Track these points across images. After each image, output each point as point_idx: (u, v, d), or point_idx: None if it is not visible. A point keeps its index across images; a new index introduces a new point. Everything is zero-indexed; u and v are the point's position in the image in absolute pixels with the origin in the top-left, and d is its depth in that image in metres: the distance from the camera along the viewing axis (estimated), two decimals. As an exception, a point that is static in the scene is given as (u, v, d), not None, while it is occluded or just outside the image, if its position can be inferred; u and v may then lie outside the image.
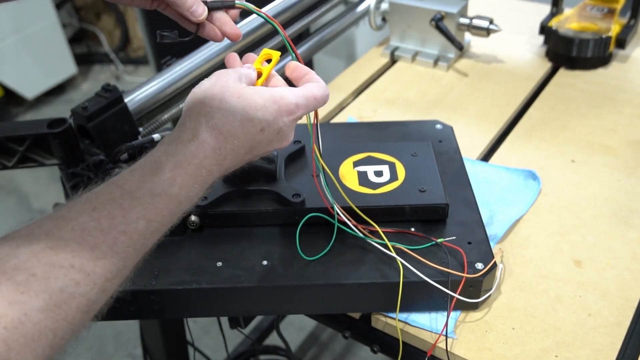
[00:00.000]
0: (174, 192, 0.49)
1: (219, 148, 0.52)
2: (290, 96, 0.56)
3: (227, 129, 0.52)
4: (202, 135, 0.51)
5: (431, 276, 0.68)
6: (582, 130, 1.02)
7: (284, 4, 1.12)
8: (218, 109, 0.52)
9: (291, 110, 0.56)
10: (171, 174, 0.49)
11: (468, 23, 1.18)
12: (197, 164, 0.50)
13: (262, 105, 0.54)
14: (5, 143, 0.84)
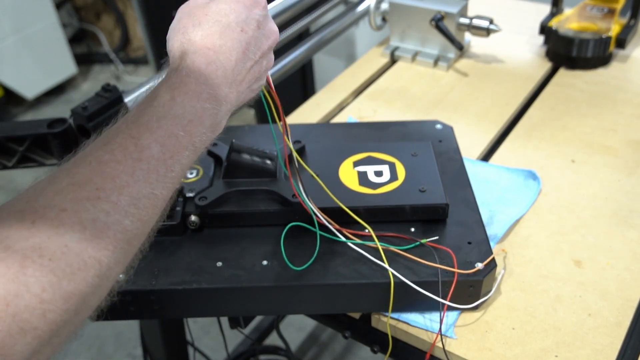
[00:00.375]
0: (178, 112, 0.48)
1: (212, 62, 0.51)
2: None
3: (212, 42, 0.52)
4: (190, 57, 0.51)
5: (427, 276, 0.68)
6: (582, 130, 1.02)
7: (284, 4, 1.12)
8: (194, 31, 0.52)
9: (255, 1, 0.55)
10: (169, 95, 0.48)
11: (468, 23, 1.18)
12: (194, 82, 0.50)
13: (230, 9, 0.54)
14: (5, 143, 0.84)
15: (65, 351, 0.43)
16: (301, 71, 2.10)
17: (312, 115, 1.11)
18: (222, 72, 0.52)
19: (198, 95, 0.49)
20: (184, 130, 0.47)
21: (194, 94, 0.49)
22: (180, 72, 0.50)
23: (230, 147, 0.77)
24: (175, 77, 0.50)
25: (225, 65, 0.52)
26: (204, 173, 0.80)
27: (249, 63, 0.55)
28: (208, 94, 0.50)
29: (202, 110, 0.49)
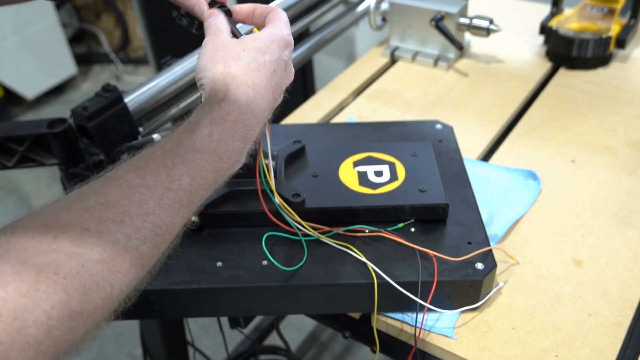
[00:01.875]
0: (213, 147, 0.49)
1: (251, 101, 0.52)
2: (281, 29, 0.57)
3: (251, 79, 0.53)
4: (233, 92, 0.52)
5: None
6: (582, 130, 1.02)
7: (284, 4, 1.12)
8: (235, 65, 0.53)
9: (287, 42, 0.57)
10: (208, 130, 0.49)
11: (468, 23, 1.18)
12: (233, 120, 0.51)
13: (266, 47, 0.55)
14: (5, 143, 0.84)
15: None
16: (301, 71, 2.10)
17: (312, 115, 1.11)
18: (258, 112, 0.53)
19: (233, 134, 0.50)
20: (214, 166, 0.49)
21: (230, 132, 0.50)
22: (222, 107, 0.51)
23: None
24: (217, 111, 0.51)
25: (260, 105, 0.53)
26: (204, 173, 0.80)
27: (272, 103, 0.56)
28: (242, 133, 0.51)
29: (233, 148, 0.51)
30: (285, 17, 0.59)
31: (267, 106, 0.55)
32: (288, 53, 0.57)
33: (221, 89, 0.53)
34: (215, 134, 0.50)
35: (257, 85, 0.53)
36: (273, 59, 0.55)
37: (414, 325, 0.69)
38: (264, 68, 0.54)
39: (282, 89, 0.57)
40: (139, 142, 0.80)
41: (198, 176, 0.47)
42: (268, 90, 0.54)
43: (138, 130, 0.91)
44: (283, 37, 0.57)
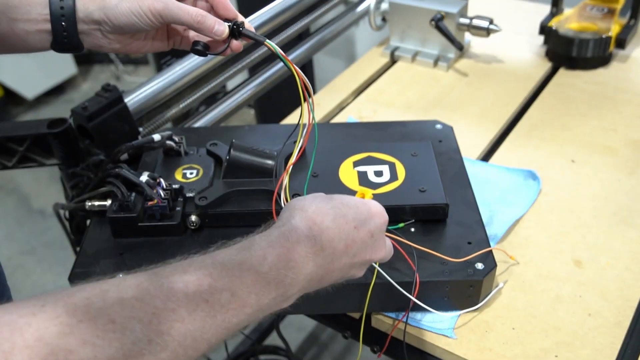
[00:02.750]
0: (264, 270, 0.48)
1: (312, 237, 0.52)
2: (375, 202, 0.59)
3: (321, 220, 0.53)
4: (295, 222, 0.52)
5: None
6: (582, 130, 1.02)
7: (284, 4, 1.12)
8: (310, 204, 0.54)
9: (381, 213, 0.57)
10: (263, 252, 0.49)
11: (468, 23, 1.18)
12: (289, 247, 0.50)
13: (354, 204, 0.56)
14: (5, 143, 0.84)
15: None
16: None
17: (312, 115, 1.11)
18: (317, 249, 0.52)
19: (286, 262, 0.49)
20: (257, 289, 0.47)
21: (283, 258, 0.49)
22: (282, 230, 0.51)
23: (230, 147, 0.77)
24: (275, 234, 0.51)
25: (322, 244, 0.52)
26: (204, 173, 0.80)
27: (346, 258, 0.54)
28: (296, 264, 0.50)
29: (282, 276, 0.49)
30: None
31: (334, 253, 0.53)
32: (379, 222, 0.57)
33: (287, 217, 0.54)
34: (269, 257, 0.49)
35: (327, 227, 0.53)
36: (358, 217, 0.55)
37: (405, 322, 0.69)
38: (342, 219, 0.54)
39: (362, 251, 0.55)
40: (139, 142, 0.80)
41: (240, 295, 0.46)
42: (339, 239, 0.53)
43: (138, 130, 0.91)
44: (377, 207, 0.57)
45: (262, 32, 1.10)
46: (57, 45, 0.64)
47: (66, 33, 0.63)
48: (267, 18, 1.10)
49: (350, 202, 0.56)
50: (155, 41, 0.68)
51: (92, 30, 0.64)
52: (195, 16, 0.62)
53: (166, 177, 0.78)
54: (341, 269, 0.54)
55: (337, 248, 0.53)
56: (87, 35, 0.64)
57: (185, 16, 0.62)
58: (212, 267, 0.46)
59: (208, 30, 0.63)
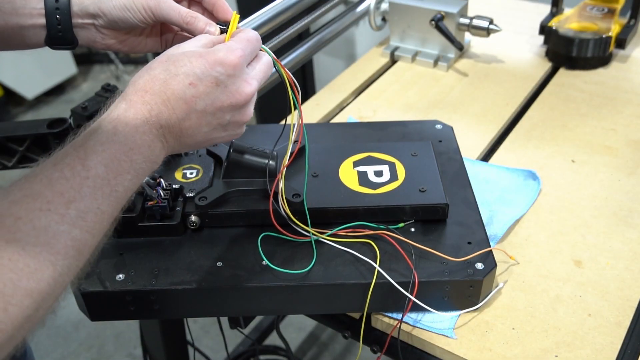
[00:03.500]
0: (120, 139, 0.51)
1: (147, 102, 0.53)
2: (219, 47, 0.57)
3: (151, 87, 0.54)
4: (128, 97, 0.54)
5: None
6: (582, 130, 1.02)
7: (284, 4, 1.12)
8: (142, 75, 0.55)
9: (221, 60, 0.55)
10: (111, 125, 0.52)
11: (468, 23, 1.18)
12: (132, 117, 0.52)
13: (187, 61, 0.55)
14: (5, 143, 0.84)
15: (65, 351, 0.44)
16: (301, 71, 2.10)
17: (312, 115, 1.11)
18: (156, 114, 0.53)
19: (136, 128, 0.52)
20: (125, 155, 0.51)
21: (133, 127, 0.52)
22: (119, 107, 0.53)
23: (230, 147, 0.77)
24: (115, 111, 0.53)
25: (160, 109, 0.54)
26: (204, 173, 0.80)
27: (194, 116, 0.55)
28: (145, 127, 0.53)
29: (142, 140, 0.52)
30: (248, 34, 0.59)
31: (175, 115, 0.54)
32: (221, 69, 0.55)
33: (121, 95, 0.55)
34: (119, 127, 0.52)
35: (158, 92, 0.54)
36: (191, 72, 0.54)
37: (400, 320, 0.69)
38: (174, 78, 0.54)
39: (212, 102, 0.56)
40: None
41: (112, 165, 0.50)
42: (176, 99, 0.54)
43: (138, 130, 0.91)
44: (216, 53, 0.56)
45: (262, 33, 1.10)
46: (51, 40, 0.65)
47: (60, 26, 0.64)
48: (267, 18, 1.10)
49: (182, 60, 0.55)
50: (149, 39, 0.69)
51: (87, 25, 0.65)
52: (185, 16, 0.63)
53: (166, 177, 0.78)
54: (200, 124, 0.56)
55: (177, 108, 0.54)
56: (82, 30, 0.65)
57: (175, 15, 0.63)
58: (75, 152, 0.49)
59: (198, 31, 0.63)
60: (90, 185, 0.48)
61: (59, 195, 0.46)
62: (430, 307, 0.69)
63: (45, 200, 0.45)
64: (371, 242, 0.72)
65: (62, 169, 0.47)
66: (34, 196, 0.45)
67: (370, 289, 0.68)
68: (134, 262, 0.72)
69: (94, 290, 0.69)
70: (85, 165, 0.48)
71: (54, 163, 0.48)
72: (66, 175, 0.47)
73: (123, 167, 0.50)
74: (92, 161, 0.49)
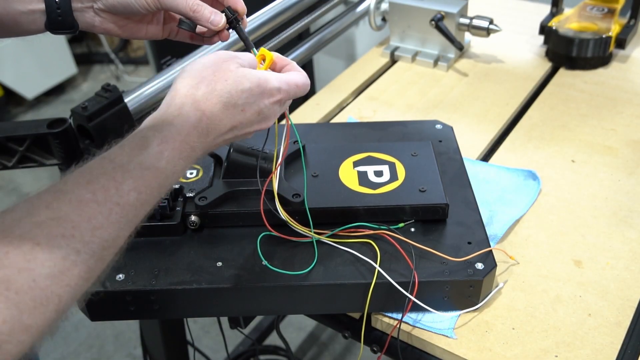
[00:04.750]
0: (162, 165, 0.51)
1: (200, 127, 0.54)
2: (274, 80, 0.58)
3: (210, 110, 0.54)
4: (185, 114, 0.53)
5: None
6: (582, 130, 1.02)
7: (284, 4, 1.12)
8: (204, 90, 0.55)
9: (272, 93, 0.58)
10: (159, 148, 0.51)
11: (468, 23, 1.18)
12: (181, 140, 0.52)
13: (248, 88, 0.56)
14: (5, 143, 0.84)
15: (65, 351, 0.43)
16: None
17: (312, 115, 1.11)
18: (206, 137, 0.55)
19: (180, 154, 0.52)
20: (160, 183, 0.51)
21: (178, 152, 0.52)
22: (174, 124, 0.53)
23: (230, 147, 0.77)
24: (168, 129, 0.52)
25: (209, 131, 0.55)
26: (204, 173, 0.80)
27: (229, 135, 0.57)
28: (187, 154, 0.53)
29: (178, 166, 0.53)
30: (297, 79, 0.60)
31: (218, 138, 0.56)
32: (269, 103, 0.58)
33: (178, 104, 0.54)
34: (166, 153, 0.51)
35: (214, 116, 0.55)
36: (247, 102, 0.56)
37: (400, 320, 0.69)
38: (232, 107, 0.55)
39: (247, 130, 0.58)
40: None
41: (145, 192, 0.49)
42: (225, 124, 0.56)
43: (138, 130, 0.91)
44: (272, 88, 0.58)
45: (262, 32, 1.10)
46: (51, 24, 0.63)
47: (60, 10, 0.62)
48: (267, 18, 1.10)
49: (245, 86, 0.56)
50: (150, 26, 0.67)
51: (86, 8, 0.63)
52: (192, 5, 0.62)
53: (166, 177, 0.78)
54: (224, 141, 0.58)
55: (222, 131, 0.56)
56: (81, 13, 0.64)
57: (182, 4, 0.62)
58: (113, 172, 0.48)
59: (204, 20, 0.63)
60: (119, 213, 0.46)
61: (87, 221, 0.44)
62: (430, 307, 0.69)
63: (70, 226, 0.43)
64: (371, 242, 0.72)
65: (95, 191, 0.46)
66: (60, 220, 0.43)
67: (371, 289, 0.68)
68: (134, 262, 0.72)
69: (94, 290, 0.69)
70: (120, 190, 0.47)
71: (87, 181, 0.46)
72: (98, 199, 0.45)
73: (153, 194, 0.50)
74: (128, 186, 0.47)
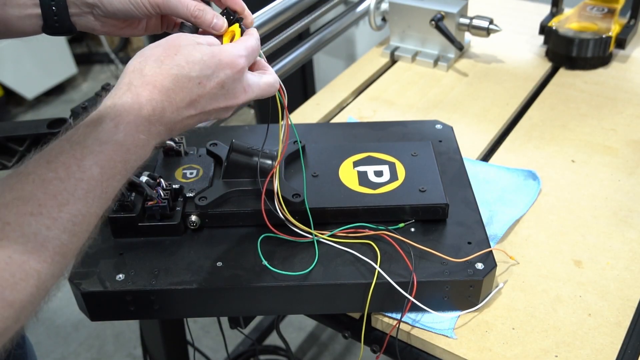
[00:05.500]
0: (119, 138, 0.50)
1: (153, 100, 0.53)
2: (230, 48, 0.57)
3: (160, 83, 0.53)
4: (134, 89, 0.53)
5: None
6: (582, 130, 1.02)
7: (284, 4, 1.12)
8: (152, 65, 0.54)
9: (233, 63, 0.56)
10: (113, 123, 0.51)
11: (468, 23, 1.18)
12: (135, 114, 0.52)
13: (199, 59, 0.55)
14: (5, 143, 0.84)
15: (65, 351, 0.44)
16: (301, 71, 2.10)
17: (312, 115, 1.11)
18: (159, 111, 0.53)
19: (137, 127, 0.52)
20: (122, 157, 0.50)
21: (134, 125, 0.52)
22: (124, 100, 0.52)
23: (230, 147, 0.77)
24: (119, 105, 0.52)
25: (167, 108, 0.54)
26: (204, 173, 0.80)
27: (192, 111, 0.56)
28: (145, 127, 0.52)
29: (139, 140, 0.52)
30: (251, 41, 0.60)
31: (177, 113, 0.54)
32: (231, 73, 0.56)
33: (126, 82, 0.53)
34: (121, 126, 0.51)
35: (168, 89, 0.53)
36: (203, 73, 0.55)
37: (400, 320, 0.69)
38: (185, 78, 0.54)
39: (213, 105, 0.57)
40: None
41: (107, 166, 0.49)
42: (181, 98, 0.54)
43: (138, 130, 0.91)
44: (229, 56, 0.56)
45: (262, 33, 1.10)
46: (48, 29, 0.64)
47: (57, 17, 0.63)
48: (267, 18, 1.10)
49: (195, 57, 0.55)
50: (149, 25, 0.68)
51: (84, 14, 0.64)
52: (194, 10, 0.62)
53: (166, 177, 0.78)
54: (192, 118, 0.56)
55: (180, 105, 0.54)
56: (79, 18, 0.64)
57: (183, 9, 0.62)
58: (72, 150, 0.48)
59: (206, 24, 0.62)
60: (84, 188, 0.47)
61: (52, 198, 0.45)
62: (430, 307, 0.69)
63: (37, 204, 0.44)
64: (371, 242, 0.72)
65: (57, 169, 0.46)
66: (25, 199, 0.44)
67: (370, 291, 0.68)
68: (134, 262, 0.72)
69: (94, 290, 0.69)
70: (81, 166, 0.47)
71: (47, 161, 0.47)
72: (60, 176, 0.46)
73: (117, 168, 0.50)
74: (89, 161, 0.48)
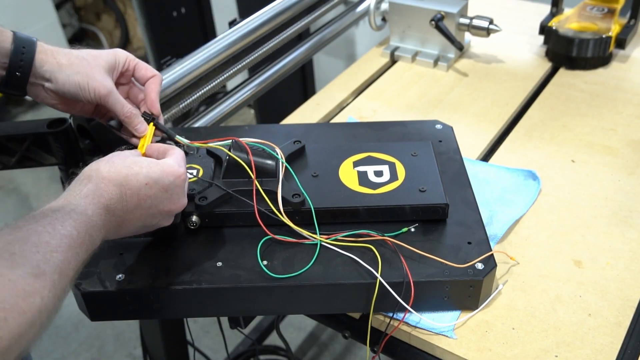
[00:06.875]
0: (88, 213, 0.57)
1: (110, 192, 0.60)
2: (170, 161, 0.66)
3: (115, 179, 0.60)
4: (95, 181, 0.60)
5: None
6: (582, 130, 1.02)
7: (284, 4, 1.12)
8: (105, 165, 0.62)
9: (173, 172, 0.64)
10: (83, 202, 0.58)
11: (468, 23, 1.18)
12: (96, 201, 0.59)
13: (147, 164, 0.63)
14: (5, 143, 0.84)
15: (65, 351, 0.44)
16: (301, 71, 2.10)
17: (312, 115, 1.11)
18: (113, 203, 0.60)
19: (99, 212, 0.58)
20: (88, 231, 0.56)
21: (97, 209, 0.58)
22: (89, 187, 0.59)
23: (230, 147, 0.77)
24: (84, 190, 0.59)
25: (117, 200, 0.60)
26: (204, 173, 0.80)
27: (139, 211, 0.63)
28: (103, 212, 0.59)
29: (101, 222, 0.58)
30: (180, 153, 0.68)
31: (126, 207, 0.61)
32: (174, 179, 0.64)
33: (86, 176, 0.60)
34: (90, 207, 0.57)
35: (121, 184, 0.60)
36: (149, 175, 0.62)
37: (400, 320, 0.69)
38: (134, 177, 0.61)
39: (157, 205, 0.64)
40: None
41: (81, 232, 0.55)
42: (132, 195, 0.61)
43: (138, 130, 0.91)
44: (171, 166, 0.65)
45: (262, 32, 1.10)
46: (4, 87, 0.71)
47: (16, 82, 0.71)
48: (267, 18, 1.10)
49: (142, 163, 0.63)
50: (83, 110, 0.77)
51: (37, 85, 0.73)
52: (127, 112, 0.72)
53: (166, 177, 0.78)
54: (139, 219, 0.63)
55: (130, 202, 0.61)
56: (32, 86, 0.73)
57: (119, 108, 0.72)
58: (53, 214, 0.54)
59: (132, 126, 0.73)
60: (67, 243, 0.53)
61: (45, 244, 0.51)
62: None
63: (34, 245, 0.50)
64: (372, 247, 0.72)
65: (45, 225, 0.53)
66: (24, 240, 0.50)
67: (374, 298, 0.68)
68: (134, 262, 0.72)
69: (94, 290, 0.69)
70: (64, 226, 0.54)
71: (36, 220, 0.53)
72: (49, 230, 0.53)
73: (85, 238, 0.56)
74: (69, 225, 0.54)
